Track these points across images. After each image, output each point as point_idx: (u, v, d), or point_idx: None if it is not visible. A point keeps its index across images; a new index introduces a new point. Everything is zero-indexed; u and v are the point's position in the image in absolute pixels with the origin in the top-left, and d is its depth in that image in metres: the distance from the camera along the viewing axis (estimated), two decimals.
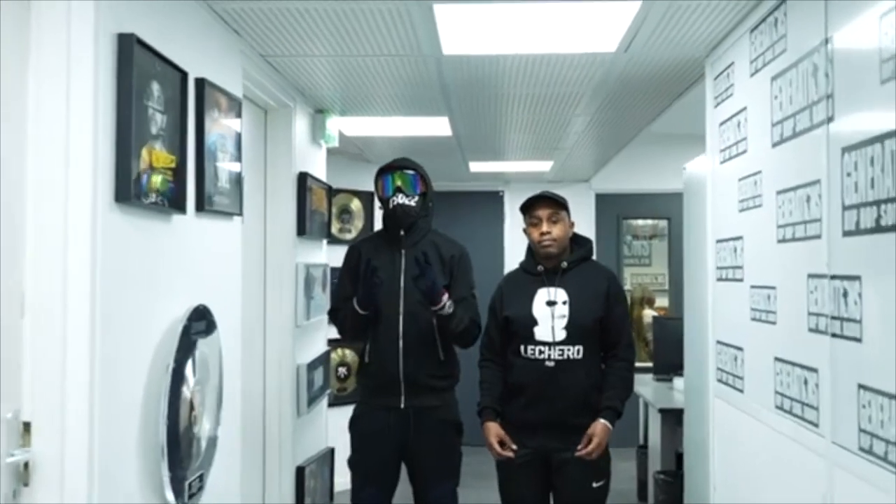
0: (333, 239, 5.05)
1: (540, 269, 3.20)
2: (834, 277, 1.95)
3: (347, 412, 3.41)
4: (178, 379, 2.20)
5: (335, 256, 3.45)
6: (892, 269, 1.65)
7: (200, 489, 2.39)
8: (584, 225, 4.62)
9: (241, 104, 2.84)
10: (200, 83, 2.45)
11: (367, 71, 3.41)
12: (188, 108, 2.33)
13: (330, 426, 4.48)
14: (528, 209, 3.23)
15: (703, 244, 3.19)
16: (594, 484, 3.11)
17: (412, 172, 3.28)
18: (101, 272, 1.86)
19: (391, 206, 3.24)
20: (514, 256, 4.57)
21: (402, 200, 3.23)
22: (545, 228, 3.16)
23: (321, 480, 4.08)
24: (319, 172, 4.23)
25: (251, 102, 3.47)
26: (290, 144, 3.71)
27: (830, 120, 1.99)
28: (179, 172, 2.27)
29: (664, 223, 8.03)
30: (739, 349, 2.73)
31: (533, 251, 3.26)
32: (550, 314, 3.10)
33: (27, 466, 1.77)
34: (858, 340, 1.82)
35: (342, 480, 4.01)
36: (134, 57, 1.96)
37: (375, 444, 3.23)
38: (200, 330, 2.38)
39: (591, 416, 3.12)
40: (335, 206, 5.89)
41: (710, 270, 3.09)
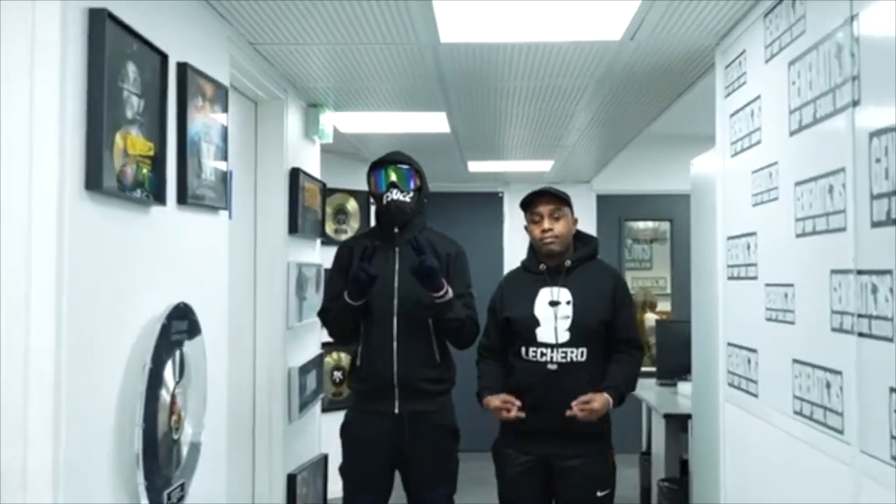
0: (329, 239, 4.90)
1: (542, 267, 3.06)
2: (861, 272, 1.81)
3: (342, 418, 3.27)
4: (155, 381, 2.05)
5: (330, 257, 3.30)
6: None
7: (181, 499, 2.24)
8: (584, 227, 4.49)
9: (227, 93, 2.70)
10: (182, 68, 2.31)
11: (361, 61, 3.27)
12: (168, 93, 2.19)
13: (324, 432, 4.33)
14: (528, 205, 3.08)
15: (712, 242, 3.05)
16: (598, 493, 2.97)
17: (406, 167, 3.15)
18: (69, 264, 1.72)
19: (385, 202, 3.10)
20: (513, 259, 4.46)
21: (396, 196, 3.10)
22: (547, 225, 3.02)
23: (314, 488, 3.94)
24: (313, 169, 4.09)
25: (240, 94, 3.33)
26: (281, 139, 3.57)
27: (856, 103, 1.85)
28: (159, 161, 2.13)
29: (664, 227, 7.94)
30: (753, 351, 2.59)
31: (535, 249, 3.11)
32: (553, 315, 2.96)
33: None
34: (890, 340, 1.67)
35: (336, 488, 3.85)
36: (106, 34, 1.82)
37: (368, 450, 3.09)
38: (182, 329, 2.24)
39: (595, 422, 2.98)
40: (331, 206, 5.75)
41: (720, 269, 2.95)
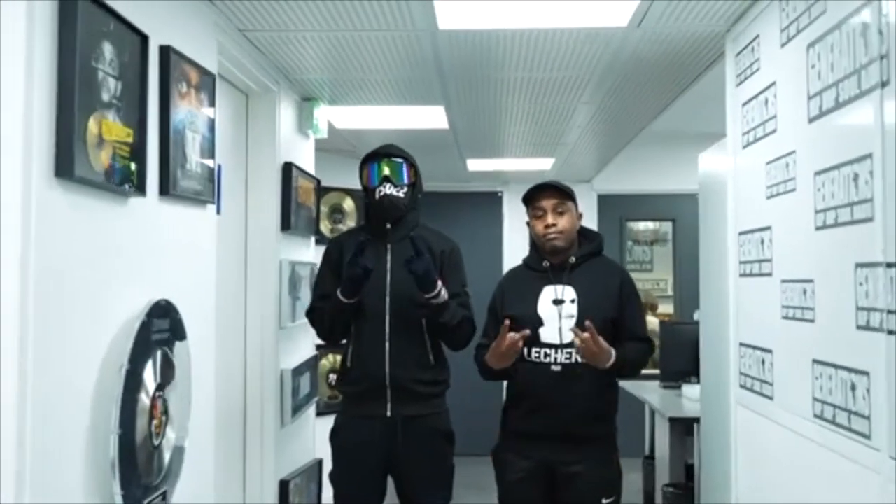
0: (323, 238, 4.77)
1: (545, 264, 2.92)
2: (890, 265, 1.68)
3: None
4: (134, 383, 1.92)
5: None
6: None
7: None
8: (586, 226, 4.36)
9: (214, 80, 2.57)
10: (165, 51, 2.18)
11: (356, 49, 3.14)
12: (149, 77, 2.06)
13: (318, 436, 4.19)
14: (530, 200, 2.95)
15: (722, 238, 2.92)
16: (604, 500, 2.84)
17: (401, 160, 3.02)
18: (36, 257, 1.59)
19: (377, 196, 2.97)
20: (513, 261, 4.34)
21: (389, 191, 2.97)
22: (550, 220, 2.89)
23: (307, 495, 3.80)
24: (307, 165, 3.96)
25: (231, 85, 3.20)
26: (274, 132, 3.44)
27: (885, 84, 1.72)
28: (138, 149, 1.99)
29: (665, 228, 7.86)
30: (767, 351, 2.46)
31: (537, 246, 2.98)
32: (557, 314, 2.83)
33: None
34: None
35: (331, 494, 3.73)
36: (79, 9, 1.69)
37: (359, 456, 2.96)
38: (163, 328, 2.11)
39: (601, 425, 2.85)
40: (326, 205, 5.62)
41: (731, 266, 2.81)
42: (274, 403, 3.41)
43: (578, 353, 2.74)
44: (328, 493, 3.93)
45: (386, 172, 2.97)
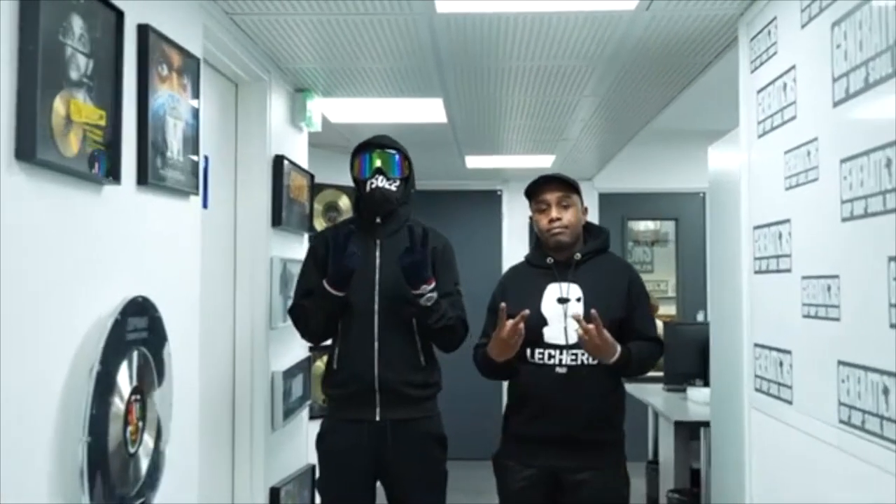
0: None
1: (549, 261, 2.78)
2: None
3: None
4: (106, 386, 1.77)
5: None
6: None
7: None
8: None
9: (199, 64, 2.42)
10: (144, 30, 2.03)
11: (351, 36, 3.00)
12: (125, 56, 1.91)
13: (312, 441, 4.02)
14: (534, 193, 2.81)
15: (735, 233, 2.77)
16: None
17: (394, 152, 2.87)
18: None
19: (368, 188, 2.83)
20: (512, 261, 4.21)
21: (381, 184, 2.82)
22: (555, 214, 2.74)
23: (300, 502, 3.65)
24: (300, 159, 3.81)
25: (218, 73, 3.06)
26: (264, 123, 3.29)
27: None
28: (112, 133, 1.84)
29: (665, 228, 7.75)
30: (786, 352, 2.31)
31: (540, 241, 2.83)
32: (562, 313, 2.68)
33: None
34: None
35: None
36: None
37: (347, 462, 2.82)
38: (140, 327, 1.96)
39: (608, 431, 2.71)
40: (321, 202, 5.48)
41: (744, 263, 2.67)
42: (264, 407, 3.26)
43: (581, 343, 2.58)
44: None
45: (378, 164, 2.83)
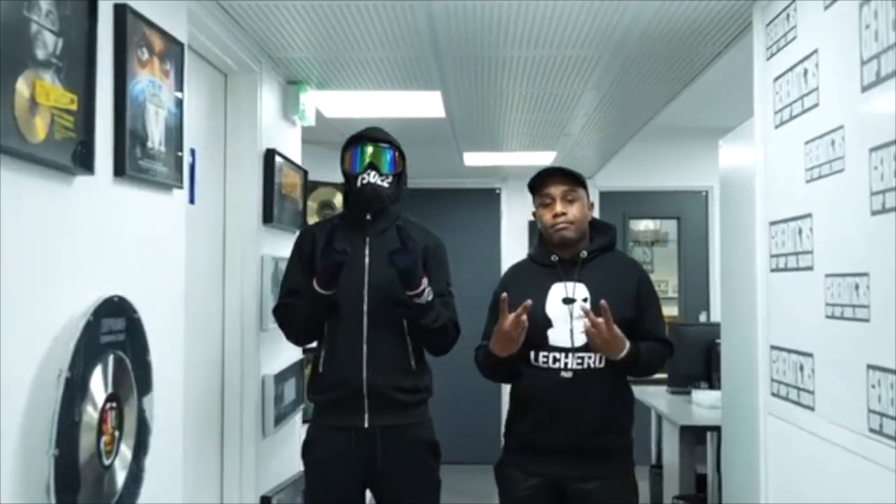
0: None
1: (554, 259, 2.64)
2: None
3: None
4: (76, 393, 1.63)
5: None
6: None
7: None
8: None
9: (183, 50, 2.28)
10: (121, 10, 1.89)
11: (346, 23, 2.85)
12: (99, 36, 1.77)
13: None
14: (537, 187, 2.67)
15: (749, 229, 2.63)
16: None
17: (388, 146, 2.73)
18: None
19: (359, 184, 2.69)
20: (511, 262, 4.10)
21: (373, 180, 2.68)
22: (559, 209, 2.60)
23: None
24: (293, 154, 3.67)
25: (207, 62, 2.92)
26: (255, 116, 3.15)
27: None
28: (84, 118, 1.70)
29: (665, 228, 7.63)
30: (807, 355, 2.17)
31: (544, 238, 2.69)
32: (568, 314, 2.54)
33: None
34: None
35: None
36: None
37: (335, 471, 2.68)
38: (116, 329, 1.82)
39: (616, 438, 2.57)
40: (315, 200, 5.35)
41: (759, 260, 2.53)
42: (255, 412, 3.12)
43: (588, 337, 2.44)
44: None
45: (371, 159, 2.70)
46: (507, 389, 2.79)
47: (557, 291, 2.58)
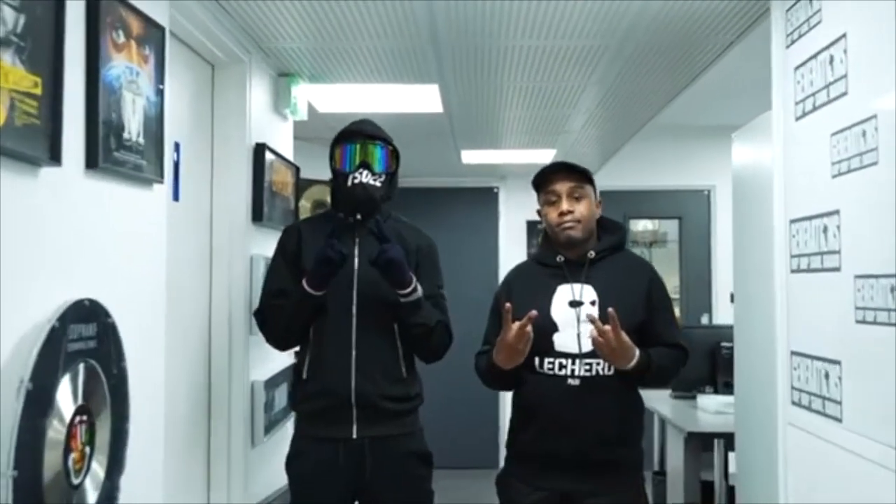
0: None
1: (560, 259, 2.48)
2: None
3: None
4: (40, 406, 1.48)
5: None
6: None
7: None
8: None
9: (164, 35, 2.12)
10: None
11: (340, 11, 2.70)
12: (68, 14, 1.61)
13: None
14: (542, 184, 2.52)
15: (766, 229, 2.49)
16: None
17: (381, 144, 2.58)
18: None
19: (350, 183, 2.53)
20: (509, 263, 3.96)
21: (365, 179, 2.53)
22: (566, 206, 2.45)
23: None
24: (284, 149, 3.52)
25: (192, 51, 2.76)
26: (244, 108, 2.99)
27: None
28: (50, 104, 1.55)
29: (665, 229, 7.50)
30: (833, 363, 2.03)
31: (550, 238, 2.54)
32: (575, 318, 2.39)
33: None
34: None
35: None
36: None
37: (321, 486, 2.52)
38: (87, 335, 1.66)
39: (626, 450, 2.42)
40: (309, 199, 5.17)
41: (778, 261, 2.39)
42: (243, 420, 2.96)
43: (595, 346, 2.30)
44: None
45: (364, 157, 2.54)
46: (509, 398, 2.63)
47: (564, 294, 2.43)
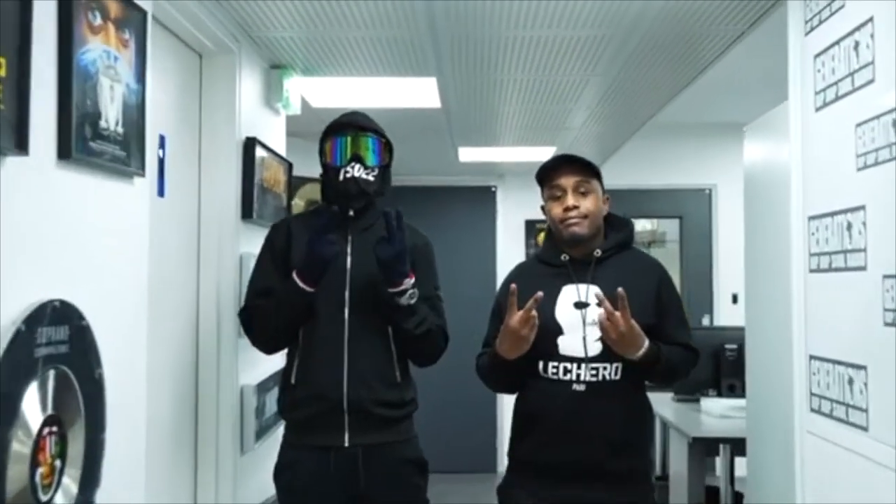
0: None
1: (564, 258, 2.36)
2: None
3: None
4: (2, 416, 1.35)
5: None
6: None
7: None
8: None
9: (146, 18, 1.99)
10: None
11: (335, 0, 2.59)
12: None
13: None
14: (546, 178, 2.39)
15: (782, 225, 2.37)
16: None
17: (374, 136, 2.46)
18: None
19: (342, 177, 2.41)
20: (507, 263, 3.85)
21: (358, 174, 2.41)
22: (571, 202, 2.33)
23: None
24: (276, 144, 3.39)
25: (179, 40, 2.64)
26: (233, 101, 2.86)
27: None
28: (16, 87, 1.42)
29: (664, 228, 7.41)
30: (858, 368, 1.91)
31: (554, 235, 2.42)
32: (580, 320, 2.26)
33: None
34: None
35: None
36: None
37: (312, 497, 2.40)
38: (58, 339, 1.53)
39: (634, 459, 2.30)
40: (303, 198, 5.06)
41: (795, 259, 2.27)
42: (232, 426, 2.83)
43: (602, 331, 2.17)
44: None
45: (356, 151, 2.42)
46: (511, 404, 2.51)
47: (569, 294, 2.30)
